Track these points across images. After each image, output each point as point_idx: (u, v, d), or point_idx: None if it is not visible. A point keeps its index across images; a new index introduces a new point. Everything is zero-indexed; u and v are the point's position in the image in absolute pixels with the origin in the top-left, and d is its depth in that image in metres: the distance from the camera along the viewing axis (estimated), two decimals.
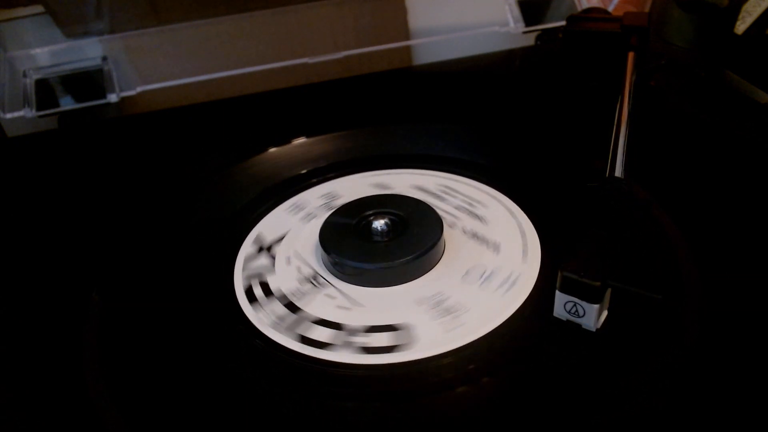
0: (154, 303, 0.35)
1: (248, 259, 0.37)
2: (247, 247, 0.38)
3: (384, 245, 0.35)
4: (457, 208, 0.39)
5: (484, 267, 0.34)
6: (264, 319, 0.33)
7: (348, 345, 0.31)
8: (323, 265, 0.36)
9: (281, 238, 0.38)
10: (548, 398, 0.28)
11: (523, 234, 0.36)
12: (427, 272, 0.34)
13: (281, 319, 0.33)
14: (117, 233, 0.39)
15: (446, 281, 0.34)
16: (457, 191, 0.41)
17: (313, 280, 0.35)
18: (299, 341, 0.31)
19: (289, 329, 0.32)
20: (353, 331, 0.31)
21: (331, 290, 0.34)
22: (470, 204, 0.39)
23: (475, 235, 0.37)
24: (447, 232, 0.36)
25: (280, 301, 0.34)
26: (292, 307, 0.33)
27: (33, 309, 0.35)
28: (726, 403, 0.26)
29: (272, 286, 0.35)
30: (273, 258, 0.37)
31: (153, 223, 0.40)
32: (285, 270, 0.36)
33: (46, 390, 0.30)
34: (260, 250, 0.37)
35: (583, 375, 0.28)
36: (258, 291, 0.35)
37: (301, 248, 0.37)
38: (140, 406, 0.29)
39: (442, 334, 0.31)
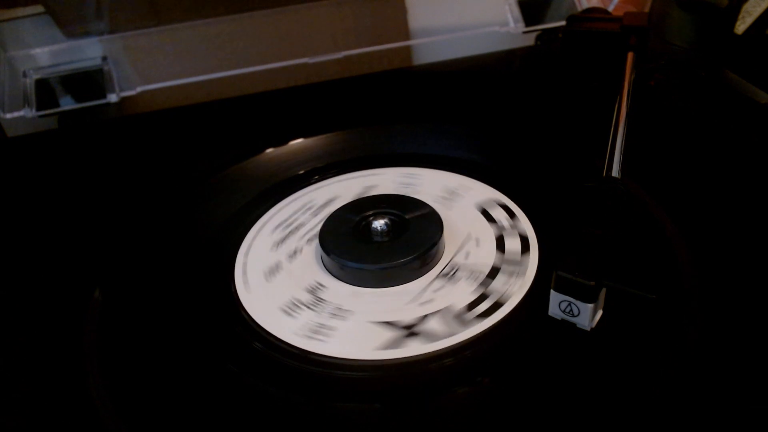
0: (154, 303, 0.35)
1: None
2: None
3: (384, 245, 0.35)
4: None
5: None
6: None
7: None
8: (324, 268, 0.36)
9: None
10: (542, 397, 0.28)
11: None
12: (426, 273, 0.34)
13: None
14: (117, 233, 0.39)
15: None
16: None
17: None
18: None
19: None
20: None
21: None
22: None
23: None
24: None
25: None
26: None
27: (33, 308, 0.35)
28: (724, 403, 0.26)
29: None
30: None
31: (153, 224, 0.40)
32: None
33: (46, 389, 0.30)
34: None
35: (577, 374, 0.28)
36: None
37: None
38: (140, 406, 0.29)
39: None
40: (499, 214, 0.38)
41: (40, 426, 0.29)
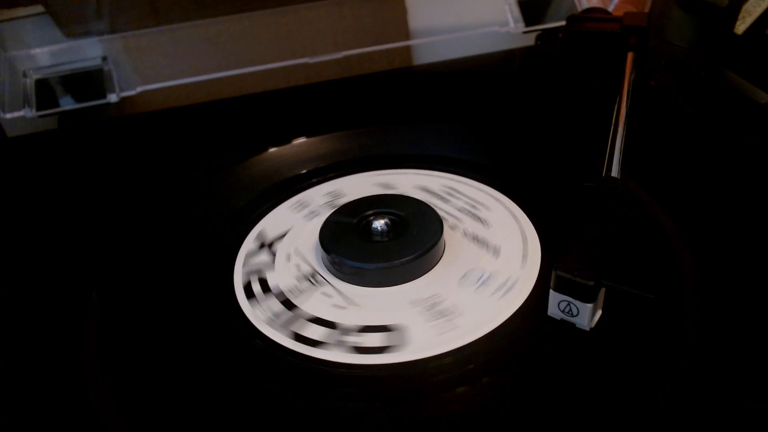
0: (154, 302, 0.35)
1: (249, 255, 0.37)
2: (249, 244, 0.38)
3: (383, 245, 0.35)
4: (458, 208, 0.39)
5: (482, 270, 0.34)
6: (261, 316, 0.33)
7: (341, 344, 0.31)
8: (322, 264, 0.36)
9: (283, 235, 0.38)
10: (541, 397, 0.28)
11: (523, 236, 0.36)
12: (425, 273, 0.34)
13: (277, 315, 0.33)
14: (117, 233, 0.39)
15: (444, 283, 0.34)
16: (457, 191, 0.41)
17: (312, 278, 0.35)
18: (293, 338, 0.31)
19: (284, 326, 0.32)
20: (347, 331, 0.31)
21: (328, 289, 0.34)
22: (470, 205, 0.39)
23: (475, 237, 0.37)
24: (447, 233, 0.36)
25: (277, 298, 0.34)
26: (288, 305, 0.33)
27: (33, 308, 0.35)
28: (724, 403, 0.26)
29: (270, 283, 0.35)
30: (273, 255, 0.37)
31: (153, 223, 0.40)
32: (284, 267, 0.36)
33: (46, 389, 0.30)
34: (261, 246, 0.38)
35: (576, 374, 0.28)
36: (257, 287, 0.35)
37: (302, 246, 0.37)
38: (140, 405, 0.29)
39: (435, 337, 0.31)
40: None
41: (40, 426, 0.29)
